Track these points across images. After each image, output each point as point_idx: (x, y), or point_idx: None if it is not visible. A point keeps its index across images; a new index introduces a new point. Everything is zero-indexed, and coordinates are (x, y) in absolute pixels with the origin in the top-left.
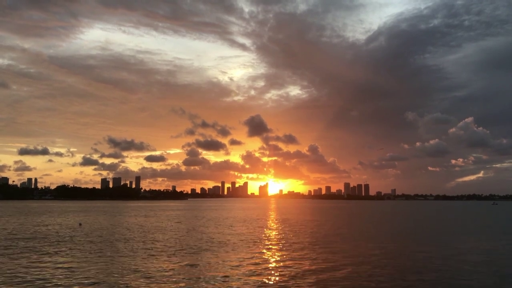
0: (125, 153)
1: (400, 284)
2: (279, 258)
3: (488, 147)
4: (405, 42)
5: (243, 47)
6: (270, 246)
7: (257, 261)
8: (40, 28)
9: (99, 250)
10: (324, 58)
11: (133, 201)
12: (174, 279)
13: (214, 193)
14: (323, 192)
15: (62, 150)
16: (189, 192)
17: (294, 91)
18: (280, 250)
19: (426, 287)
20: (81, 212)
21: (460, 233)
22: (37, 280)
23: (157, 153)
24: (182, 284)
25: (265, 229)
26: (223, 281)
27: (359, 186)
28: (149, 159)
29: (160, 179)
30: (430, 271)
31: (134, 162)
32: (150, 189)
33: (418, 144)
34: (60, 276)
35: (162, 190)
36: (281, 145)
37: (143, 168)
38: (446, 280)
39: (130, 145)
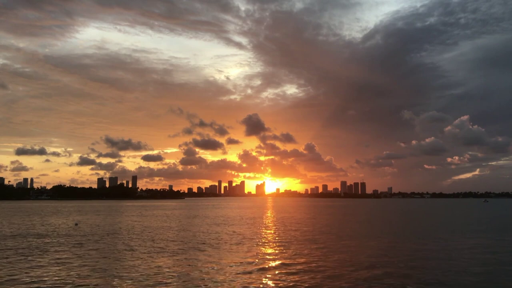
0: (122, 153)
1: (390, 278)
2: (274, 257)
3: (484, 145)
4: (402, 40)
5: (239, 45)
6: (266, 245)
7: (252, 260)
8: (35, 27)
9: (95, 250)
10: (321, 57)
11: (130, 200)
12: (171, 279)
13: (211, 192)
14: (320, 190)
15: (59, 150)
16: (186, 191)
17: (291, 89)
18: (276, 248)
19: (415, 283)
20: (77, 212)
21: (448, 231)
22: (32, 280)
23: (154, 152)
24: (179, 283)
25: (260, 228)
26: (219, 280)
27: (356, 184)
28: (146, 158)
29: (157, 178)
30: (419, 267)
31: (131, 161)
32: (147, 188)
33: (414, 142)
34: (55, 276)
35: (159, 189)
36: (278, 144)
37: (140, 167)
38: (434, 274)
39: (127, 145)
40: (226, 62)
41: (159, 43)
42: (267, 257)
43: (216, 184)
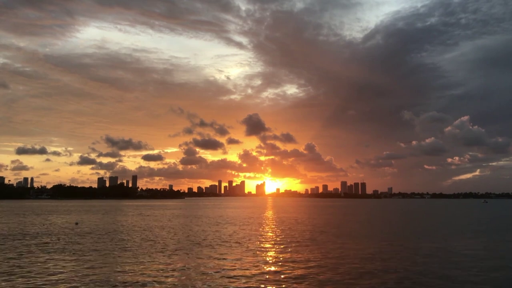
0: (122, 152)
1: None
2: (274, 257)
3: (484, 145)
4: (402, 41)
5: (240, 45)
6: (266, 245)
7: (253, 259)
8: (36, 27)
9: (95, 249)
10: (321, 57)
11: (130, 200)
12: (171, 278)
13: (211, 192)
14: (320, 190)
15: (59, 150)
16: (186, 191)
17: (291, 89)
18: (276, 248)
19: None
20: (78, 211)
21: (447, 231)
22: (32, 279)
23: (154, 152)
24: (179, 283)
25: (260, 228)
26: (219, 280)
27: (356, 184)
28: (146, 158)
29: (157, 178)
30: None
31: (131, 161)
32: (147, 188)
33: (414, 142)
34: (55, 275)
35: (159, 189)
36: (278, 144)
37: (140, 167)
38: (433, 274)
39: (127, 144)
40: (226, 62)
41: (159, 42)
42: (268, 257)
43: (216, 184)
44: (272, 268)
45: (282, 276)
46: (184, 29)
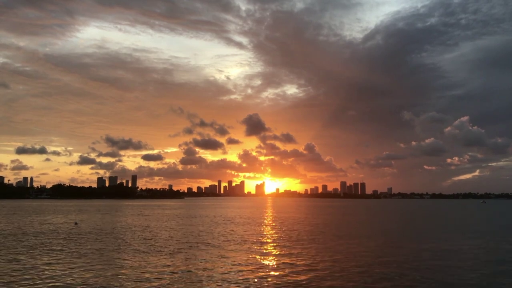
0: (122, 152)
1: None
2: (273, 256)
3: (484, 146)
4: (402, 41)
5: (240, 45)
6: (265, 244)
7: (252, 259)
8: (36, 26)
9: (94, 249)
10: (321, 57)
11: (130, 200)
12: (170, 278)
13: (211, 192)
14: (320, 190)
15: (59, 149)
16: (186, 191)
17: (291, 89)
18: (275, 248)
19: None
20: (77, 211)
21: (447, 231)
22: (31, 279)
23: (154, 152)
24: (179, 283)
25: (260, 228)
26: (218, 280)
27: (356, 184)
28: (146, 158)
29: (156, 178)
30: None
31: (131, 161)
32: (146, 188)
33: (414, 143)
34: (54, 276)
35: (158, 189)
36: (278, 144)
37: (140, 167)
38: (433, 273)
39: (127, 144)
40: (226, 62)
41: (159, 42)
42: (267, 256)
43: (216, 184)
44: (274, 268)
45: (284, 277)
46: (184, 29)
